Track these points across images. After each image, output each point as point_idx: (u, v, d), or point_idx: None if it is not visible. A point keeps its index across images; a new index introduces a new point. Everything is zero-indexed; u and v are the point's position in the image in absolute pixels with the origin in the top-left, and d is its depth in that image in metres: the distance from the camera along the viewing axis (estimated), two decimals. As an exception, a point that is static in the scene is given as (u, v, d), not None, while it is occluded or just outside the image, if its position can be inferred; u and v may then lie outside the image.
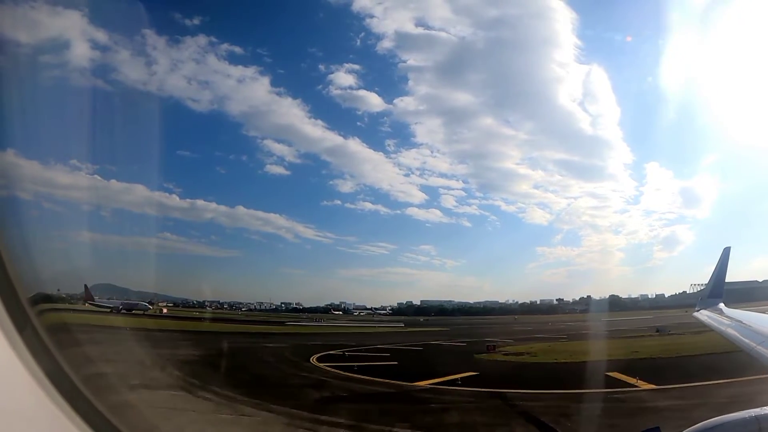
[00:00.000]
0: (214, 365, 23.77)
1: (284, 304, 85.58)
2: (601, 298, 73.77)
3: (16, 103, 4.83)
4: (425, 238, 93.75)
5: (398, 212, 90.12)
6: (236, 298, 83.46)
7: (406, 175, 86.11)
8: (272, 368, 23.77)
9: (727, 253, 13.90)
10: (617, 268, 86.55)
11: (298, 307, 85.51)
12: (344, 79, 77.74)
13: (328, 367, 23.82)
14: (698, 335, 25.59)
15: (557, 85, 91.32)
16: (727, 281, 14.16)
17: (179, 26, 72.58)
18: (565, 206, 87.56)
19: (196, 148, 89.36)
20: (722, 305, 12.25)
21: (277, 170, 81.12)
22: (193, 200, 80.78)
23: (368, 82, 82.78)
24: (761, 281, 62.24)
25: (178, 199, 76.32)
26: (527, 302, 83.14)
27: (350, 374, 21.63)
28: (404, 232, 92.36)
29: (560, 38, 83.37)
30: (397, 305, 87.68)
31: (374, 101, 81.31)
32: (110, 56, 55.68)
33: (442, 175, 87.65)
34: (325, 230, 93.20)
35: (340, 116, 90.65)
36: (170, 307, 65.75)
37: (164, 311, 60.57)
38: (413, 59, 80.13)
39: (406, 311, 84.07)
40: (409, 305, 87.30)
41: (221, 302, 79.52)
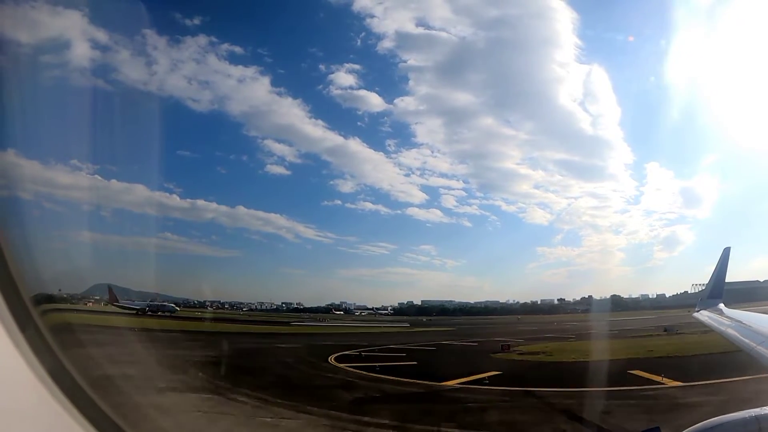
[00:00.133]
0: (234, 366, 23.53)
1: (285, 304, 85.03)
2: (602, 298, 74.09)
3: (16, 103, 4.79)
4: (426, 238, 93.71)
5: (399, 212, 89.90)
6: (237, 298, 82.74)
7: (406, 175, 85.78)
8: (293, 369, 23.59)
9: (727, 253, 13.95)
10: (618, 268, 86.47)
11: (298, 307, 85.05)
12: (345, 79, 77.23)
13: (349, 367, 23.73)
14: (707, 335, 25.75)
15: (558, 85, 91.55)
16: (728, 281, 14.20)
17: (180, 26, 71.68)
18: (565, 206, 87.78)
19: (196, 148, 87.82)
20: (722, 305, 12.25)
21: (277, 170, 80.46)
22: (193, 200, 79.77)
23: (369, 82, 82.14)
24: (762, 281, 62.76)
25: (178, 199, 75.42)
26: (528, 302, 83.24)
27: (374, 374, 21.58)
28: (405, 232, 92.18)
29: (561, 38, 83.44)
30: (398, 305, 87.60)
31: (375, 101, 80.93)
32: (110, 56, 54.89)
33: (442, 175, 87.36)
34: (325, 230, 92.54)
35: (340, 116, 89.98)
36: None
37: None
38: (414, 59, 79.60)
39: (407, 311, 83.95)
40: (410, 305, 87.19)
41: (222, 302, 78.62)
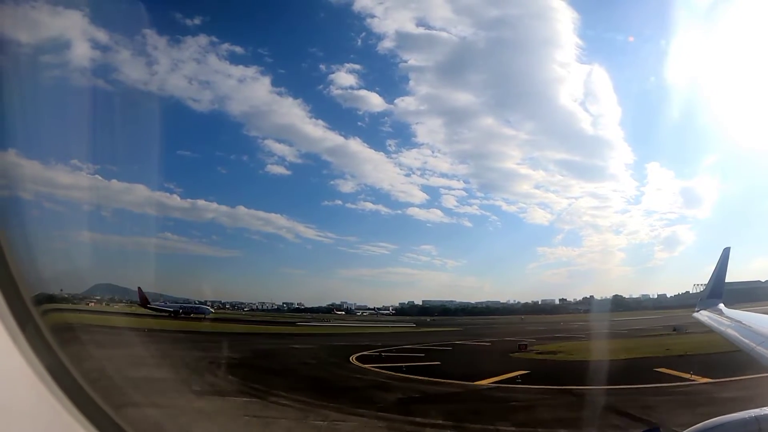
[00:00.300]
0: (259, 368, 23.40)
1: (286, 304, 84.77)
2: (603, 298, 74.61)
3: (16, 103, 4.80)
4: (426, 238, 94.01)
5: (399, 212, 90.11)
6: (237, 298, 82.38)
7: (406, 175, 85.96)
8: (320, 370, 23.50)
9: (726, 253, 13.98)
10: (618, 268, 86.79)
11: (299, 307, 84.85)
12: (345, 79, 77.14)
13: (374, 368, 23.70)
14: (717, 334, 26.33)
15: (558, 85, 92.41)
16: (729, 281, 14.22)
17: (180, 26, 71.30)
18: (566, 206, 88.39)
19: (196, 148, 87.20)
20: (722, 306, 12.32)
21: (277, 170, 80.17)
22: (193, 200, 79.22)
23: (369, 82, 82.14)
24: (764, 281, 63.31)
25: (178, 199, 74.85)
26: (529, 302, 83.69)
27: (403, 375, 21.60)
28: (405, 232, 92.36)
29: (561, 38, 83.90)
30: (398, 305, 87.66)
31: (375, 101, 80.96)
32: (111, 56, 54.54)
33: (443, 175, 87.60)
34: (325, 230, 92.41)
35: (340, 116, 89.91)
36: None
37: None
38: (414, 59, 79.84)
39: (408, 311, 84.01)
40: (411, 305, 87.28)
41: (223, 302, 78.06)
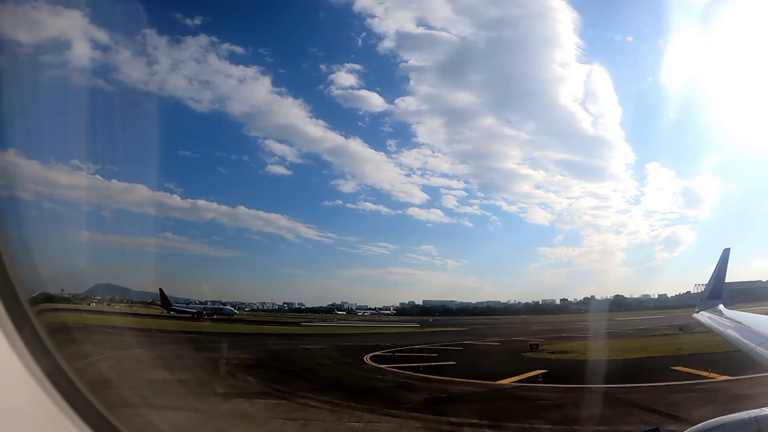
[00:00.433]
0: (277, 369, 23.36)
1: (286, 304, 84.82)
2: (604, 298, 75.35)
3: (16, 103, 4.80)
4: (426, 238, 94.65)
5: (399, 212, 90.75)
6: (238, 298, 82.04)
7: (407, 175, 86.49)
8: (338, 371, 23.41)
9: (726, 254, 13.99)
10: (618, 268, 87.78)
11: (300, 307, 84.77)
12: (345, 79, 77.65)
13: (391, 368, 23.68)
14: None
15: (558, 85, 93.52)
16: (729, 281, 14.31)
17: (180, 26, 71.32)
18: (566, 206, 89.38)
19: (197, 148, 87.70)
20: (721, 306, 12.35)
21: (278, 170, 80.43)
22: (194, 200, 79.24)
23: (369, 82, 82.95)
24: (765, 281, 64.13)
25: (179, 199, 74.79)
26: (530, 302, 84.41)
27: (422, 375, 21.61)
28: (405, 232, 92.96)
29: (561, 38, 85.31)
30: (399, 305, 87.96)
31: (375, 101, 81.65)
32: (111, 56, 54.69)
33: (443, 175, 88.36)
34: (326, 230, 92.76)
35: (341, 116, 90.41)
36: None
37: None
38: (414, 59, 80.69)
39: (409, 311, 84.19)
40: (411, 305, 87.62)
41: (223, 302, 77.45)
